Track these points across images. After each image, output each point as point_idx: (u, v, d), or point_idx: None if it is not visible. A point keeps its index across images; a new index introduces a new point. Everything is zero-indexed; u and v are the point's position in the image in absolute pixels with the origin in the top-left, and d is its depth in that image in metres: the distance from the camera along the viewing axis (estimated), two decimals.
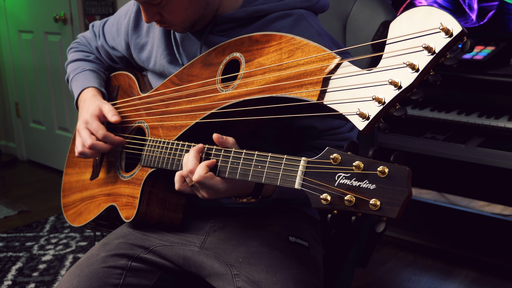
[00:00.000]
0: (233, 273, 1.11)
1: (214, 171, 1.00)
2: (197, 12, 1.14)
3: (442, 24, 0.73)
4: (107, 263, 1.14)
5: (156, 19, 1.15)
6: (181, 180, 1.04)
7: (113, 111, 1.27)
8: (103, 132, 1.24)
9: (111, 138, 1.25)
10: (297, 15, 1.16)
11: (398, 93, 0.77)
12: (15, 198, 3.39)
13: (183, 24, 1.16)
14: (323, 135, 1.18)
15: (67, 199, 1.47)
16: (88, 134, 1.26)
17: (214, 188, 1.00)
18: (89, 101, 1.33)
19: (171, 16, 1.13)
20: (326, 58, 0.90)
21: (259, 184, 1.06)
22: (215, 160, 1.00)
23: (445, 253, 2.53)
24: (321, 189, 0.81)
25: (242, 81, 1.03)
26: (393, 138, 2.08)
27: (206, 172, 0.98)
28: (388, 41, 0.79)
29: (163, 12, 1.13)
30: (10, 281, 2.36)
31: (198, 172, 0.98)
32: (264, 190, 1.09)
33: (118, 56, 1.44)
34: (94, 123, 1.25)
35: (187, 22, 1.15)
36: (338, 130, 1.18)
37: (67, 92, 3.57)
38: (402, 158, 0.76)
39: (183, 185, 1.05)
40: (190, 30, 1.20)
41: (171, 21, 1.15)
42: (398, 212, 0.74)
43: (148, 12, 1.13)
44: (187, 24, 1.16)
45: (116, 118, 1.26)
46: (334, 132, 1.18)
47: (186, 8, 1.12)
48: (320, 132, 1.17)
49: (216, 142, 1.00)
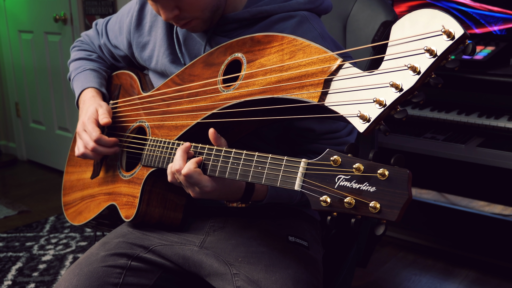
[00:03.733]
0: (233, 273, 1.11)
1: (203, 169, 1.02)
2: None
3: (444, 27, 0.73)
4: (107, 262, 1.14)
5: (175, 14, 1.11)
6: (172, 173, 1.06)
7: (105, 114, 1.27)
8: (96, 134, 1.24)
9: (104, 140, 1.24)
10: (301, 17, 1.15)
11: (399, 96, 0.76)
12: (15, 198, 3.39)
13: (203, 14, 1.12)
14: (321, 139, 1.18)
15: (67, 197, 1.47)
16: (88, 138, 1.26)
17: (199, 184, 1.01)
18: (88, 103, 1.33)
19: (189, 7, 1.10)
20: (327, 60, 0.90)
21: (249, 190, 1.08)
22: (201, 157, 1.02)
23: (445, 253, 2.53)
24: (321, 191, 0.81)
25: (243, 81, 1.03)
26: (393, 138, 2.08)
27: (195, 167, 1.00)
28: (389, 43, 0.79)
29: (181, 5, 1.10)
30: (10, 281, 2.37)
31: (187, 166, 1.00)
32: (255, 195, 1.10)
33: (121, 55, 1.44)
34: (89, 126, 1.26)
35: (207, 11, 1.12)
36: (336, 134, 1.18)
37: (67, 92, 3.57)
38: (403, 160, 0.76)
39: (173, 178, 1.06)
40: (209, 26, 1.17)
41: (191, 13, 1.11)
42: (398, 215, 0.74)
43: (166, 8, 1.10)
44: (207, 14, 1.12)
45: (106, 120, 1.26)
46: (332, 136, 1.18)
47: None
48: (318, 135, 1.17)
49: (211, 137, 1.02)
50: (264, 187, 1.12)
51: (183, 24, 1.14)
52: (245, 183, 1.08)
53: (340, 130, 1.18)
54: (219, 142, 1.02)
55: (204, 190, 1.02)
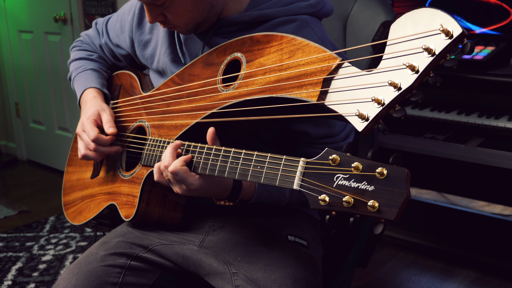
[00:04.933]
0: (232, 272, 1.11)
1: (189, 166, 1.04)
2: (200, 15, 1.14)
3: (443, 26, 0.73)
4: (106, 262, 1.14)
5: (160, 20, 1.15)
6: (159, 172, 1.07)
7: (110, 123, 1.28)
8: (94, 134, 1.24)
9: (102, 139, 1.25)
10: (301, 21, 1.15)
11: (398, 95, 0.77)
12: (15, 198, 3.39)
13: (186, 26, 1.16)
14: (316, 143, 1.17)
15: (67, 197, 1.48)
16: (87, 139, 1.26)
17: (186, 182, 1.02)
18: (89, 104, 1.33)
19: (174, 17, 1.13)
20: (326, 59, 0.90)
21: (236, 188, 1.09)
22: (190, 155, 1.04)
23: (445, 253, 2.53)
24: (320, 190, 0.81)
25: (242, 81, 1.03)
26: (393, 138, 2.08)
27: (182, 165, 1.02)
28: (388, 42, 0.79)
29: (166, 13, 1.13)
30: (10, 281, 2.37)
31: (174, 164, 1.02)
32: (242, 194, 1.11)
33: (122, 54, 1.44)
34: (88, 126, 1.26)
35: (191, 24, 1.15)
36: (332, 139, 1.17)
37: (67, 92, 3.57)
38: (401, 159, 0.76)
39: (160, 177, 1.08)
40: (194, 32, 1.20)
41: (174, 23, 1.15)
42: (396, 214, 0.74)
43: (152, 12, 1.13)
44: (190, 26, 1.16)
45: (112, 130, 1.26)
46: (327, 141, 1.17)
47: (190, 10, 1.12)
48: (313, 139, 1.16)
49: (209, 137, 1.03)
50: (252, 186, 1.13)
51: (168, 27, 1.20)
52: (232, 182, 1.09)
53: (336, 135, 1.17)
54: (215, 144, 1.03)
55: (190, 187, 1.03)
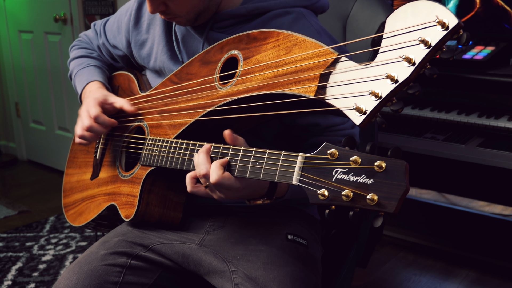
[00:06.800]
0: (231, 270, 1.11)
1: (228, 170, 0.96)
2: (202, 2, 1.13)
3: (438, 17, 0.73)
4: (107, 261, 1.14)
5: (161, 10, 1.15)
6: (193, 182, 1.01)
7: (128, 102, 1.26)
8: (96, 110, 1.23)
9: (102, 118, 1.24)
10: (297, 13, 1.16)
11: (395, 87, 0.77)
12: (15, 198, 3.39)
13: (187, 15, 1.15)
14: (325, 132, 1.18)
15: (68, 199, 1.47)
16: (87, 116, 1.25)
17: (232, 188, 0.96)
18: (94, 91, 1.32)
19: (176, 5, 1.13)
20: (323, 54, 0.90)
21: (273, 184, 1.03)
22: (227, 159, 0.97)
23: (445, 253, 2.52)
24: (319, 185, 0.81)
25: (240, 78, 1.03)
26: (393, 138, 2.08)
27: (223, 172, 0.95)
28: (384, 35, 0.79)
29: (168, 2, 1.13)
30: (10, 281, 2.36)
31: (215, 173, 0.94)
32: (278, 190, 1.06)
33: (119, 55, 1.45)
34: (90, 105, 1.25)
35: (192, 13, 1.15)
36: (340, 127, 1.18)
37: (67, 92, 3.57)
38: (400, 152, 0.76)
39: (195, 187, 1.01)
40: (193, 24, 1.20)
41: (176, 12, 1.15)
42: (396, 206, 0.74)
43: (154, 2, 1.13)
44: (191, 16, 1.16)
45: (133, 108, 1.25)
46: (336, 129, 1.18)
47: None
48: (323, 128, 1.18)
49: (228, 138, 0.98)
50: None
51: (168, 18, 1.18)
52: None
53: (344, 123, 1.18)
54: (237, 142, 0.98)
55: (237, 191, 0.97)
